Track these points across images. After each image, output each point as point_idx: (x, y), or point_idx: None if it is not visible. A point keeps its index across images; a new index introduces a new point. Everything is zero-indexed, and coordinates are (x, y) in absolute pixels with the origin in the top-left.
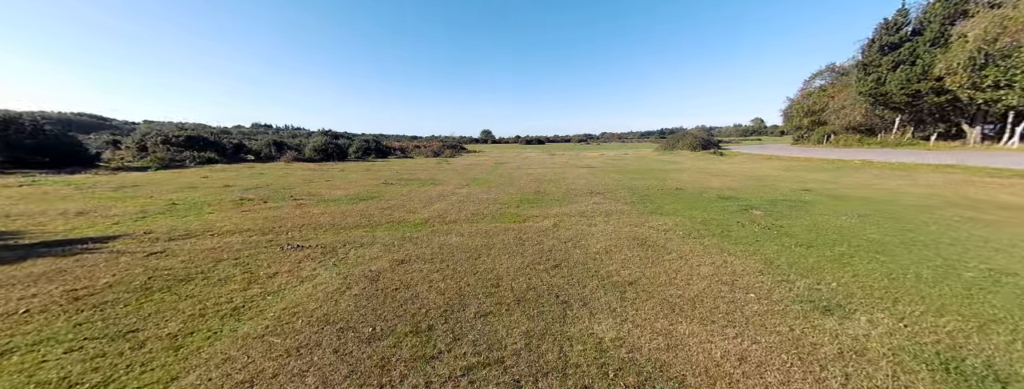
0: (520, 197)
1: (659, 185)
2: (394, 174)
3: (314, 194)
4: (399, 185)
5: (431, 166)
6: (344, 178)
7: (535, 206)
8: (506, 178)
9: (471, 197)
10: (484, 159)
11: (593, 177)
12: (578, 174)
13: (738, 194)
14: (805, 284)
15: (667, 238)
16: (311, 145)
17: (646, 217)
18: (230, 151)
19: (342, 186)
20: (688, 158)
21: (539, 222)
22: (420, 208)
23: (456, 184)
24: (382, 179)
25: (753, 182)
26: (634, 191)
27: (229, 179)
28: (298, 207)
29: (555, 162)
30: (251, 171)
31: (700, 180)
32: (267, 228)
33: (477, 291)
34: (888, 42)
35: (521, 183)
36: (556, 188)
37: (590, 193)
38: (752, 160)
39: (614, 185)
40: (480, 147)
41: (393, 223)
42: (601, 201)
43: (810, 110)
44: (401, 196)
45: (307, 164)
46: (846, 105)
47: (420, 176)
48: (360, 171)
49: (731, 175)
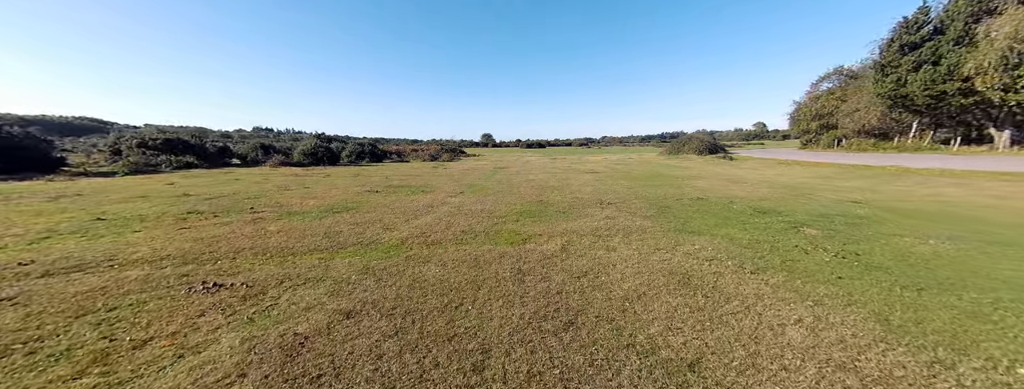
0: (520, 208)
1: (676, 194)
2: (383, 180)
3: (282, 205)
4: (385, 193)
5: (426, 171)
6: (326, 185)
7: (538, 220)
8: (505, 185)
9: (464, 208)
10: (483, 163)
11: (600, 184)
12: (583, 180)
13: (776, 206)
14: (973, 370)
15: (715, 272)
16: (300, 149)
17: (676, 237)
18: (213, 155)
19: (320, 194)
20: (697, 163)
21: (543, 244)
22: (400, 223)
23: (449, 192)
24: (369, 186)
25: (784, 191)
26: (650, 201)
27: (194, 186)
28: (253, 223)
29: (557, 167)
30: (227, 177)
31: (721, 188)
32: (194, 255)
33: (449, 382)
34: (908, 41)
35: (521, 191)
36: (560, 197)
37: (600, 203)
38: (768, 165)
39: (625, 193)
40: (480, 151)
41: (361, 246)
42: (615, 214)
43: (818, 114)
44: (383, 207)
45: (293, 169)
46: (860, 108)
47: (411, 182)
48: (348, 176)
49: (754, 182)
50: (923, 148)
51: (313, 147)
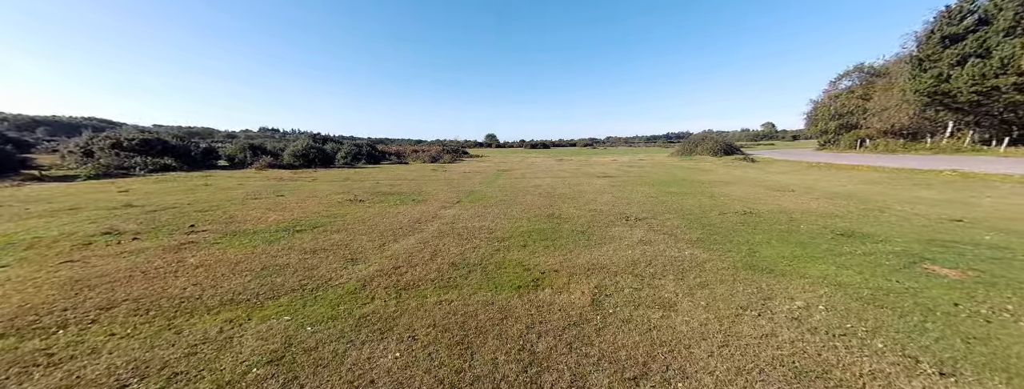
0: (527, 226)
1: (714, 205)
2: (373, 185)
3: (234, 220)
4: (369, 202)
5: (424, 174)
6: (305, 192)
7: (551, 245)
8: (509, 191)
9: (457, 225)
10: (486, 165)
11: (618, 191)
12: (597, 186)
13: (856, 227)
14: None
15: (872, 373)
16: (290, 150)
17: (755, 282)
18: (198, 156)
19: (291, 205)
20: (716, 165)
21: (563, 291)
22: (372, 250)
23: (444, 201)
24: (353, 193)
25: (846, 203)
26: (688, 216)
27: (149, 194)
28: (176, 250)
29: (565, 169)
30: (198, 182)
31: (764, 198)
32: (34, 314)
33: None
34: (951, 33)
35: (528, 200)
36: (575, 208)
37: (625, 218)
38: (799, 169)
39: (652, 204)
40: (483, 151)
41: (302, 293)
42: (650, 236)
43: (837, 113)
44: (359, 224)
45: (281, 172)
46: (889, 106)
47: (403, 188)
48: (336, 181)
49: (798, 190)
50: (963, 149)
51: (304, 148)
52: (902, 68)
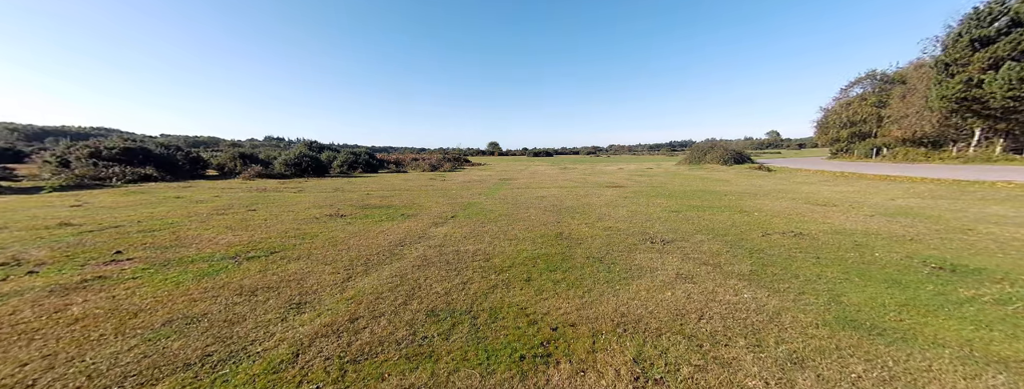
0: (532, 250)
1: (751, 223)
2: (362, 197)
3: (180, 243)
4: (351, 218)
5: (421, 184)
6: (283, 205)
7: (563, 282)
8: (510, 204)
9: (447, 249)
10: (487, 174)
11: (632, 203)
12: (608, 198)
13: (948, 255)
14: None
15: None
16: (281, 159)
17: (873, 351)
18: (184, 166)
19: (258, 222)
20: (733, 174)
21: (588, 372)
22: (328, 290)
23: (436, 215)
24: (337, 206)
25: (916, 222)
26: (726, 238)
27: (98, 210)
28: (72, 290)
29: (571, 179)
30: (167, 194)
31: (807, 214)
32: None
33: None
34: (980, 36)
35: (531, 215)
36: (587, 226)
37: (649, 240)
38: (828, 179)
39: (677, 221)
40: (486, 159)
41: (195, 372)
42: (688, 267)
43: (850, 121)
44: (327, 248)
45: (268, 182)
46: (909, 114)
47: (395, 200)
48: (324, 192)
49: (841, 204)
50: (994, 159)
51: (296, 157)
52: (923, 74)
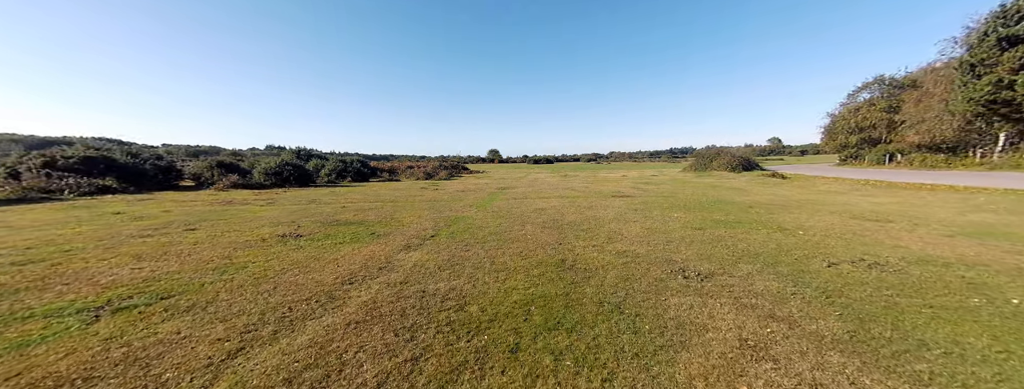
0: (524, 288)
1: (802, 248)
2: (336, 211)
3: (50, 282)
4: (307, 239)
5: (411, 193)
6: (238, 221)
7: (566, 353)
8: (504, 218)
9: (408, 289)
10: (484, 182)
11: (646, 217)
12: (617, 210)
13: None
14: None
15: None
16: (261, 167)
17: None
18: (154, 175)
19: (187, 248)
20: (746, 183)
21: None
22: (188, 378)
23: (412, 235)
24: (300, 223)
25: (1005, 247)
26: (780, 271)
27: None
28: None
29: (572, 187)
30: (106, 210)
31: (866, 234)
32: None
33: None
34: (1009, 35)
35: (528, 233)
36: (595, 249)
37: (680, 272)
38: (855, 187)
39: (706, 243)
40: (485, 167)
41: None
42: (750, 323)
43: (858, 126)
44: (247, 288)
45: (242, 193)
46: (927, 118)
47: (371, 214)
48: (297, 204)
49: (897, 220)
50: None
51: (277, 165)
52: (941, 77)
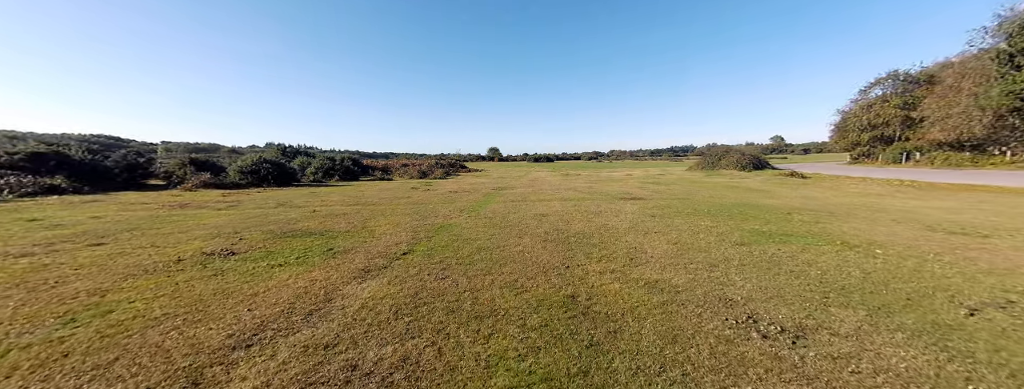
0: (519, 355)
1: (892, 274)
2: (303, 216)
3: None
4: (241, 258)
5: (397, 195)
6: (171, 230)
7: None
8: (498, 227)
9: (334, 357)
10: (481, 181)
11: (668, 228)
12: (629, 217)
13: None
14: None
15: None
16: (236, 166)
17: None
18: (118, 173)
19: (66, 274)
20: (764, 183)
21: None
22: None
23: (378, 252)
24: (246, 234)
25: None
26: (892, 318)
27: None
28: None
29: (576, 187)
30: (29, 215)
31: (969, 254)
32: None
33: None
34: None
35: (526, 248)
36: (615, 278)
37: (750, 323)
38: (894, 190)
39: (762, 268)
40: (485, 165)
41: None
42: None
43: (871, 124)
44: (51, 364)
45: (211, 193)
46: (953, 114)
47: (340, 222)
48: (260, 208)
49: (994, 234)
50: None
51: (254, 163)
52: (969, 69)
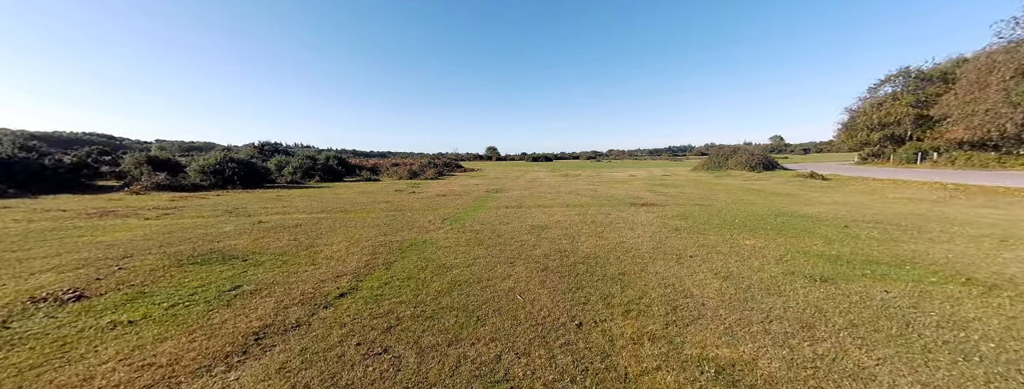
0: None
1: None
2: (239, 230)
3: None
4: (74, 313)
5: (375, 199)
6: (38, 250)
7: None
8: (485, 244)
9: None
10: (475, 182)
11: (705, 249)
12: (650, 231)
13: None
14: None
15: None
16: (197, 165)
17: None
18: (62, 174)
19: None
20: (791, 186)
21: None
22: None
23: (302, 294)
24: (142, 257)
25: None
26: None
27: None
28: None
29: (578, 190)
30: None
31: None
32: None
33: None
34: None
35: (517, 283)
36: (661, 357)
37: None
38: (951, 194)
39: (879, 328)
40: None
41: None
42: None
43: (882, 123)
44: None
45: (161, 195)
46: (979, 111)
47: (281, 239)
48: (200, 217)
49: None
50: None
51: (218, 162)
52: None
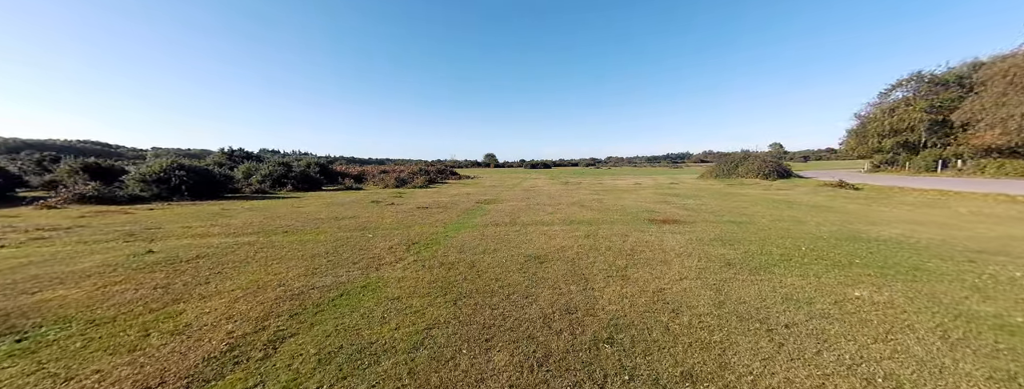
0: None
1: None
2: (109, 264)
3: None
4: None
5: (340, 214)
6: None
7: None
8: (455, 292)
9: None
10: (467, 191)
11: (802, 309)
12: (695, 269)
13: None
14: None
15: None
16: (138, 173)
17: None
18: None
19: None
20: (828, 198)
21: None
22: None
23: None
24: None
25: None
26: None
27: None
28: None
29: (582, 201)
30: None
31: None
32: None
33: None
34: None
35: None
36: None
37: None
38: (1020, 215)
39: None
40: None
41: None
42: None
43: (894, 129)
44: None
45: (73, 210)
46: (1017, 113)
47: (146, 284)
48: (82, 242)
49: None
50: None
51: (163, 169)
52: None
